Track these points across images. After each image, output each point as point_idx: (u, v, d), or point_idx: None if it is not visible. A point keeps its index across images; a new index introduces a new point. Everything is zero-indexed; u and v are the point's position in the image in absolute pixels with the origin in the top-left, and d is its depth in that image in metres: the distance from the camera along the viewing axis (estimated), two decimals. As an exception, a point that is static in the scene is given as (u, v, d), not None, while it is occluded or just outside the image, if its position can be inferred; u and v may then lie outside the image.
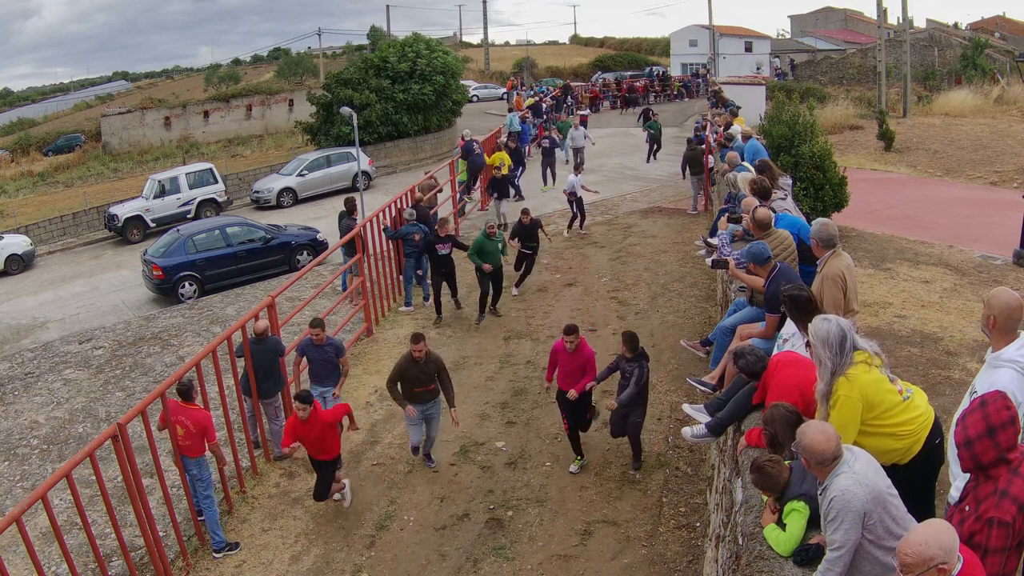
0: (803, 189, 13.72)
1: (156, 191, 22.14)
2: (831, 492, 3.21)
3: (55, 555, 6.84)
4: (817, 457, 3.27)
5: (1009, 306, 3.65)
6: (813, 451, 3.27)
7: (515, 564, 6.61)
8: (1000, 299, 3.69)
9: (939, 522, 2.65)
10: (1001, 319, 3.66)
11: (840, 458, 3.28)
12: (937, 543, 2.49)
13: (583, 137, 22.15)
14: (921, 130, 27.45)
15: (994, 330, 3.70)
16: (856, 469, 3.23)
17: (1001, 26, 54.56)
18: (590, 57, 64.65)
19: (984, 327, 3.78)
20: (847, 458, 3.28)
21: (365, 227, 11.63)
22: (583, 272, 13.40)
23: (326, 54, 64.32)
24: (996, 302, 3.69)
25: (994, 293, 3.75)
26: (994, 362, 3.69)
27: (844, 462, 3.27)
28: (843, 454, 3.29)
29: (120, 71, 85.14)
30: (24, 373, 11.50)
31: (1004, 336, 3.68)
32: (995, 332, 3.70)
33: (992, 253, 13.24)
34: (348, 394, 9.71)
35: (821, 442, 3.25)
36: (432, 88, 28.09)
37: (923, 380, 8.35)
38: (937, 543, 2.49)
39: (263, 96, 43.70)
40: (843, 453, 3.29)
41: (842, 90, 39.21)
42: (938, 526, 2.60)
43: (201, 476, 6.87)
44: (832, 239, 5.63)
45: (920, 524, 2.71)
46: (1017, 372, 3.56)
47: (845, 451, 3.31)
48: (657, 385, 9.23)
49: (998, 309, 3.67)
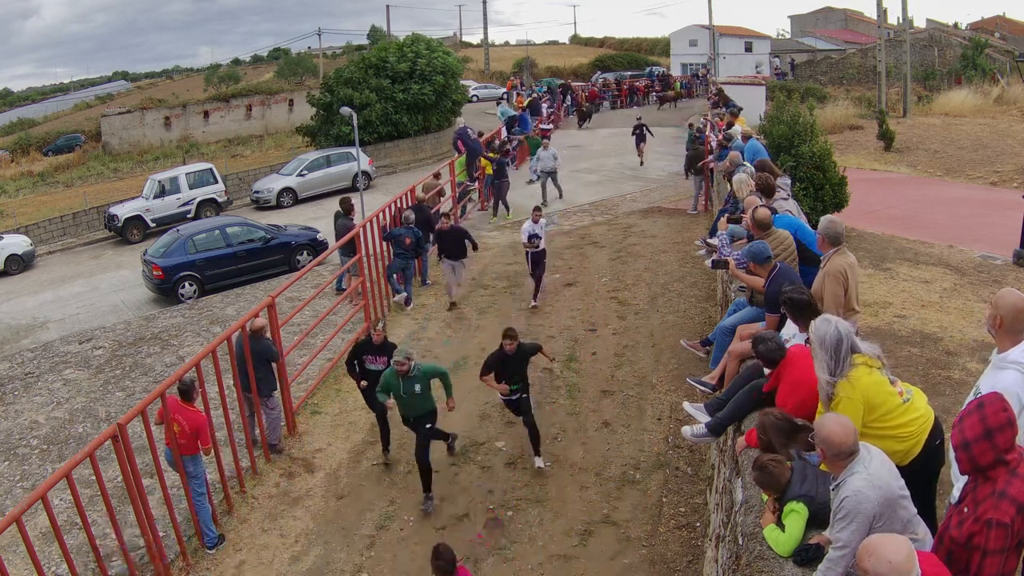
0: (803, 189, 13.71)
1: (156, 191, 22.15)
2: (844, 491, 3.19)
3: (55, 555, 6.84)
4: (834, 449, 3.23)
5: (1016, 307, 3.63)
6: (831, 443, 3.24)
7: (515, 564, 6.62)
8: (1008, 300, 3.67)
9: (895, 540, 2.64)
10: (1008, 320, 3.65)
11: (856, 454, 3.25)
12: (887, 563, 2.51)
13: (552, 158, 18.40)
14: (921, 130, 27.44)
15: (1000, 331, 3.69)
16: (872, 470, 3.21)
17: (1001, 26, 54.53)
18: (590, 57, 64.65)
19: (990, 327, 3.76)
20: (863, 456, 3.26)
21: (365, 227, 11.63)
22: (583, 272, 13.40)
23: (326, 54, 64.31)
24: (1003, 303, 3.67)
25: (1001, 294, 3.74)
26: (1000, 363, 3.68)
27: (860, 460, 3.24)
28: (859, 450, 3.26)
29: (120, 71, 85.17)
30: (24, 373, 11.50)
31: (1010, 337, 3.67)
32: (1001, 333, 3.69)
33: (992, 253, 13.24)
34: (349, 394, 9.73)
35: (840, 434, 3.22)
36: (432, 88, 28.10)
37: (923, 380, 8.35)
38: (887, 563, 2.51)
39: (263, 96, 43.72)
40: (859, 450, 3.27)
41: (842, 90, 39.21)
42: (894, 543, 2.59)
43: (196, 473, 6.90)
44: (838, 236, 5.68)
45: (876, 537, 2.71)
46: (1021, 374, 3.55)
47: (862, 448, 3.28)
48: (657, 385, 9.24)
49: (1005, 310, 3.65)
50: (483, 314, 11.85)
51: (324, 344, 10.46)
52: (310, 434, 8.94)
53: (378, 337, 8.01)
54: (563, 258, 14.27)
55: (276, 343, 8.49)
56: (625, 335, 10.63)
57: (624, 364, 9.82)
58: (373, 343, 8.04)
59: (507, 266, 14.05)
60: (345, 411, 9.38)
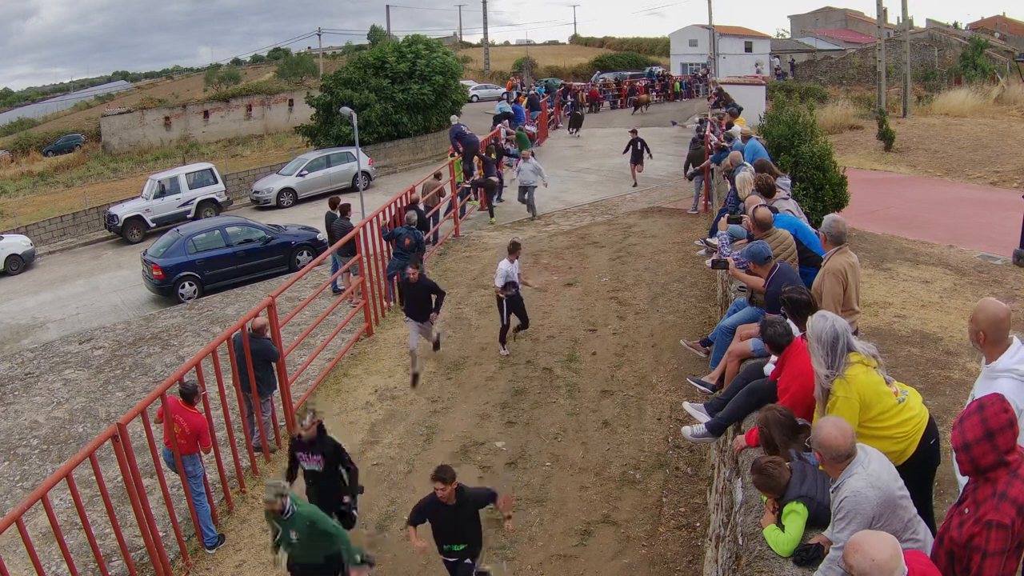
0: (803, 189, 13.71)
1: (156, 191, 22.16)
2: (843, 492, 3.21)
3: (55, 555, 6.84)
4: (831, 452, 3.25)
5: (996, 316, 3.65)
6: (828, 446, 3.25)
7: (515, 564, 6.62)
8: (986, 312, 3.68)
9: (881, 537, 2.64)
10: (990, 332, 3.67)
11: (854, 456, 3.26)
12: (869, 560, 2.52)
13: (532, 172, 16.55)
14: (921, 130, 27.45)
15: (985, 343, 3.71)
16: (870, 471, 3.22)
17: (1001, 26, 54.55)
18: (590, 57, 64.68)
19: (974, 342, 3.78)
20: (861, 457, 3.27)
21: (365, 227, 11.63)
22: (583, 272, 13.40)
23: (326, 54, 64.35)
24: (982, 316, 3.69)
25: (979, 307, 3.75)
26: (990, 373, 3.69)
27: (858, 461, 3.26)
28: (857, 452, 3.28)
29: (120, 71, 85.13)
30: (24, 373, 11.50)
31: (995, 346, 3.69)
32: (986, 345, 3.71)
33: (992, 253, 13.24)
34: (349, 394, 9.73)
35: (836, 437, 3.24)
36: (432, 88, 28.11)
37: (923, 380, 8.35)
38: (869, 560, 2.52)
39: (263, 96, 43.75)
40: (857, 451, 3.28)
41: (842, 90, 39.22)
42: (880, 541, 2.59)
43: (194, 473, 6.90)
44: (841, 235, 5.71)
45: (863, 533, 2.72)
46: (1015, 380, 3.56)
47: (859, 450, 3.30)
48: (657, 385, 9.24)
49: (986, 323, 3.67)
50: (483, 314, 11.85)
51: (324, 344, 10.46)
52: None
53: (307, 432, 6.26)
54: (563, 258, 14.27)
55: (276, 343, 8.49)
56: (625, 335, 10.63)
57: (624, 364, 9.82)
58: (302, 440, 6.34)
59: (507, 266, 14.05)
60: (345, 411, 9.38)
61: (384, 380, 10.02)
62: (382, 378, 10.08)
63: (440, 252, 15.10)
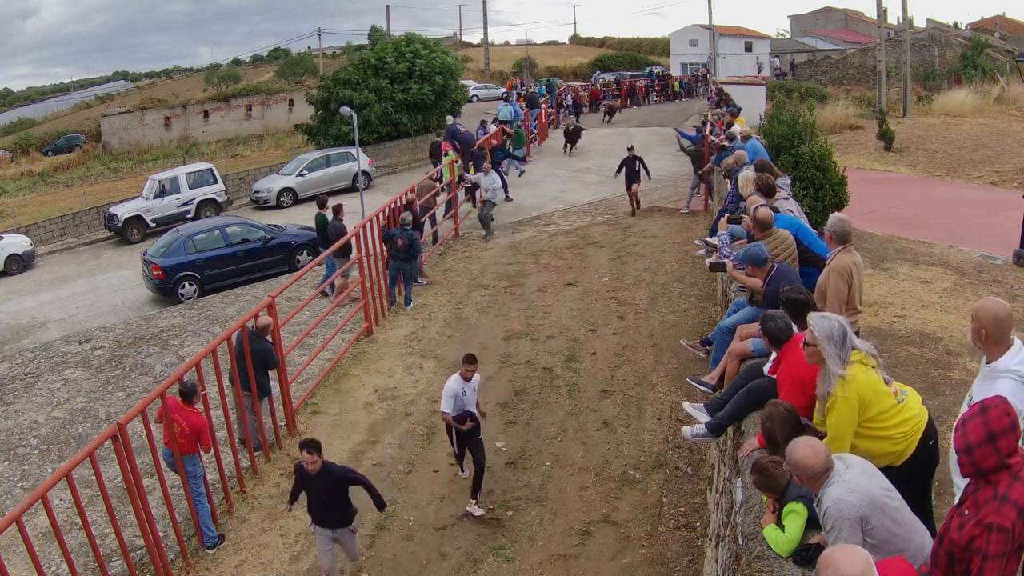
0: (803, 189, 13.71)
1: (156, 191, 22.15)
2: (824, 503, 3.28)
3: (55, 555, 6.83)
4: (807, 472, 3.34)
5: (998, 316, 3.65)
6: (803, 467, 3.35)
7: (515, 564, 6.61)
8: (988, 310, 3.67)
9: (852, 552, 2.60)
10: (992, 330, 3.66)
11: (831, 469, 3.34)
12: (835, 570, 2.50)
13: (490, 186, 15.37)
14: (921, 130, 27.46)
15: (986, 342, 3.70)
16: (847, 478, 3.29)
17: (1001, 26, 54.57)
18: (590, 57, 64.75)
19: (975, 340, 3.77)
20: (838, 468, 3.34)
21: (363, 228, 11.62)
22: (583, 272, 13.40)
23: (326, 54, 64.38)
24: (984, 314, 3.68)
25: (980, 305, 3.74)
26: (991, 373, 3.68)
27: (835, 472, 3.33)
28: (834, 465, 3.35)
29: (120, 71, 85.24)
30: (24, 373, 11.50)
31: (997, 346, 3.68)
32: (987, 344, 3.70)
33: (992, 253, 13.24)
34: (349, 394, 9.73)
35: (810, 457, 3.33)
36: (431, 88, 28.11)
37: (923, 380, 8.36)
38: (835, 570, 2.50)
39: (263, 96, 43.78)
40: (834, 464, 3.36)
41: (842, 90, 39.26)
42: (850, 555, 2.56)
43: (194, 473, 6.90)
44: (846, 235, 5.73)
45: (834, 549, 2.70)
46: (1015, 382, 3.55)
47: (836, 461, 3.37)
48: (657, 385, 9.24)
49: (988, 321, 3.66)
50: (483, 314, 11.85)
51: (324, 344, 10.46)
52: (310, 434, 8.92)
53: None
54: (563, 258, 14.27)
55: (276, 343, 8.47)
56: (625, 335, 10.63)
57: (624, 364, 9.82)
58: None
59: (507, 266, 14.05)
60: (345, 411, 9.37)
61: (384, 380, 10.02)
62: (382, 378, 10.08)
63: (440, 252, 15.11)
